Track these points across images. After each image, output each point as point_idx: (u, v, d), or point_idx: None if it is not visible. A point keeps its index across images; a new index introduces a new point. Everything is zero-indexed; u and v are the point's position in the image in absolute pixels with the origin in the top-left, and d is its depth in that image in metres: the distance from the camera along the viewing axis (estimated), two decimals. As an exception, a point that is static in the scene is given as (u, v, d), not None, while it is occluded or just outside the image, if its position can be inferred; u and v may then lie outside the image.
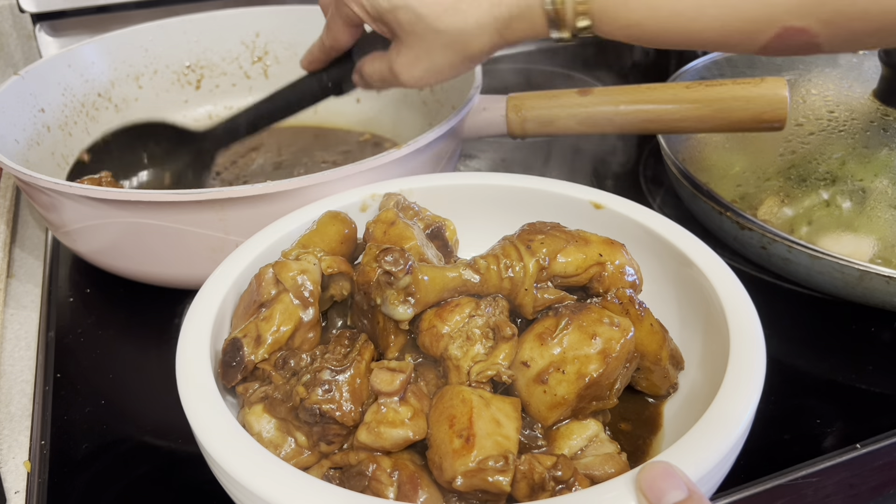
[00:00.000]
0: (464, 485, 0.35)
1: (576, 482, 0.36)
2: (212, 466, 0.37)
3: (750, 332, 0.40)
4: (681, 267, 0.47)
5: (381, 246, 0.42)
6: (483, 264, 0.42)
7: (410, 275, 0.40)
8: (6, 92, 0.65)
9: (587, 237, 0.44)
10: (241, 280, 0.46)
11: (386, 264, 0.40)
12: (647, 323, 0.42)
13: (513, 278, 0.42)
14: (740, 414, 0.36)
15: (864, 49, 0.44)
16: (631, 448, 0.42)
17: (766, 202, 0.62)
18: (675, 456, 0.33)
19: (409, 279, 0.40)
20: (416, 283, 0.40)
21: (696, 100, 0.59)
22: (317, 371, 0.39)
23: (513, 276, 0.42)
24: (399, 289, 0.40)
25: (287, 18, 0.82)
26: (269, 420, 0.40)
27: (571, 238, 0.44)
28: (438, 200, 0.54)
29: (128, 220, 0.53)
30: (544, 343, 0.40)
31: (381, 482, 0.36)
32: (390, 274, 0.40)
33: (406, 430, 0.38)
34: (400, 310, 0.40)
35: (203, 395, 0.38)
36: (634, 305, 0.42)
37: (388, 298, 0.41)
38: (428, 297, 0.41)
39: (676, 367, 0.45)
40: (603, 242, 0.45)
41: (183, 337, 0.41)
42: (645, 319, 0.42)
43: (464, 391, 0.38)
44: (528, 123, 0.63)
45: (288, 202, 0.52)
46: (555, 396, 0.39)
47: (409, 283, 0.40)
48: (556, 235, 0.44)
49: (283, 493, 0.33)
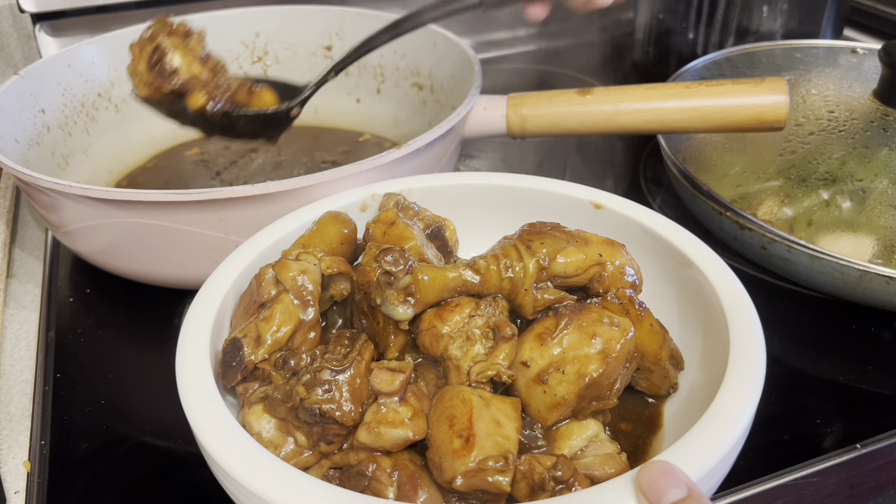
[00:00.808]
0: (464, 485, 0.35)
1: (576, 482, 0.36)
2: (212, 466, 0.37)
3: (750, 332, 0.40)
4: (681, 267, 0.47)
5: (381, 246, 0.42)
6: (483, 264, 0.42)
7: (410, 275, 0.40)
8: (6, 92, 0.65)
9: (587, 237, 0.44)
10: (241, 280, 0.46)
11: (386, 264, 0.40)
12: (647, 323, 0.42)
13: (513, 278, 0.42)
14: (740, 414, 0.36)
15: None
16: (631, 448, 0.42)
17: (766, 202, 0.62)
18: (675, 455, 0.33)
19: (409, 279, 0.40)
20: (416, 284, 0.40)
21: (696, 100, 0.59)
22: (317, 371, 0.39)
23: (513, 277, 0.42)
24: (399, 289, 0.40)
25: (287, 18, 0.82)
26: (269, 420, 0.40)
27: (571, 238, 0.44)
28: (438, 200, 0.54)
29: (127, 220, 0.53)
30: (544, 343, 0.40)
31: (381, 482, 0.36)
32: (390, 274, 0.40)
33: (406, 431, 0.38)
34: (399, 310, 0.40)
35: (203, 395, 0.38)
36: (634, 305, 0.42)
37: (388, 298, 0.41)
38: (428, 297, 0.41)
39: (676, 368, 0.45)
40: (603, 242, 0.45)
41: (183, 337, 0.41)
42: (645, 319, 0.42)
43: (464, 391, 0.38)
44: (529, 123, 0.63)
45: (288, 202, 0.52)
46: (555, 397, 0.39)
47: (409, 284, 0.40)
48: (556, 236, 0.44)
49: (282, 493, 0.33)
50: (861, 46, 0.78)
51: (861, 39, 1.03)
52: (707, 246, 0.47)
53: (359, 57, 0.62)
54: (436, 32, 0.75)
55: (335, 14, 0.81)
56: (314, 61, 0.83)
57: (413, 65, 0.79)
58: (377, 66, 0.82)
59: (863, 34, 1.04)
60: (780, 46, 0.80)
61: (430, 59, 0.77)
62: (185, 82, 0.55)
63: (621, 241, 0.46)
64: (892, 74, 0.66)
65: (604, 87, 0.63)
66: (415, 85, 0.79)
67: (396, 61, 0.80)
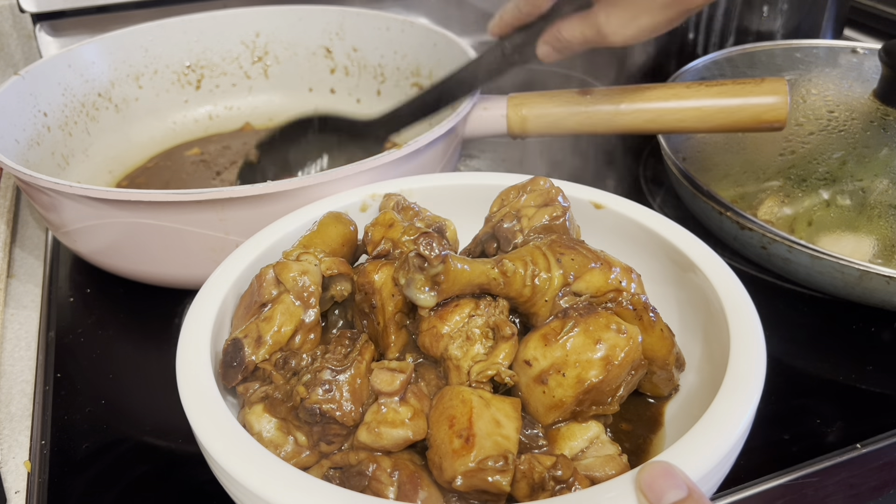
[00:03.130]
0: (464, 485, 0.35)
1: (576, 482, 0.35)
2: (212, 466, 0.37)
3: (750, 332, 0.40)
4: (681, 268, 0.47)
5: (422, 228, 0.42)
6: (511, 267, 0.42)
7: (444, 264, 0.40)
8: (6, 92, 0.65)
9: (610, 261, 0.44)
10: (242, 280, 0.46)
11: (423, 248, 0.40)
12: (658, 329, 0.42)
13: (536, 286, 0.42)
14: (740, 414, 0.36)
15: None
16: (632, 447, 0.42)
17: (766, 202, 0.62)
18: (675, 456, 0.33)
19: (442, 268, 0.40)
20: (446, 273, 0.40)
21: (696, 100, 0.59)
22: (317, 371, 0.39)
23: (538, 285, 0.42)
24: (429, 275, 0.40)
25: (287, 18, 0.82)
26: (269, 420, 0.40)
27: (597, 259, 0.43)
28: (438, 200, 0.54)
29: (127, 220, 0.53)
30: (548, 344, 0.40)
31: (382, 482, 0.36)
32: (424, 258, 0.40)
33: (406, 431, 0.38)
34: (423, 296, 0.40)
35: (203, 394, 0.38)
36: (648, 312, 0.42)
37: (415, 282, 0.40)
38: (453, 288, 0.40)
39: (679, 369, 0.45)
40: (625, 270, 0.44)
41: (183, 337, 0.41)
42: (656, 325, 0.42)
43: (464, 391, 0.38)
44: (529, 123, 0.63)
45: (288, 202, 0.52)
46: (553, 398, 0.39)
47: (440, 272, 0.40)
48: (584, 254, 0.43)
49: (282, 492, 0.33)
50: (861, 46, 0.78)
51: (861, 39, 1.03)
52: (708, 246, 0.47)
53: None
54: (436, 32, 0.75)
55: (335, 14, 0.81)
56: (314, 61, 0.84)
57: (413, 65, 0.79)
58: (377, 66, 0.82)
59: (863, 34, 1.04)
60: (780, 46, 0.80)
61: (430, 58, 0.77)
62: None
63: (621, 241, 0.46)
64: (892, 74, 0.66)
65: (604, 88, 0.63)
66: (415, 85, 0.79)
67: (397, 61, 0.80)
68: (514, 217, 0.46)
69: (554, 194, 0.47)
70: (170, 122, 0.81)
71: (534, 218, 0.46)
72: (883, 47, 0.67)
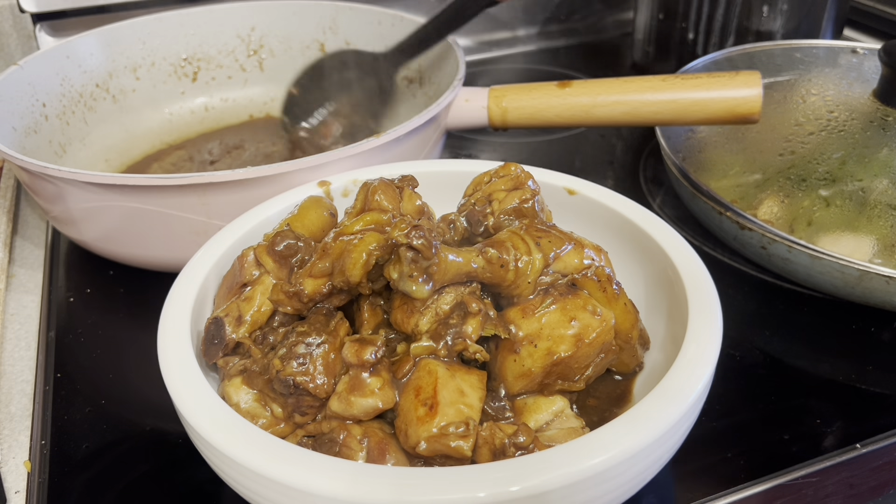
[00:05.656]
0: (427, 450, 0.37)
1: (536, 449, 0.37)
2: (192, 436, 0.37)
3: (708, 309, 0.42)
4: (648, 250, 0.49)
5: (412, 221, 0.42)
6: (495, 254, 0.43)
7: (436, 255, 0.40)
8: (5, 81, 0.66)
9: (581, 241, 0.46)
10: (223, 262, 0.47)
11: (416, 240, 0.40)
12: (622, 302, 0.44)
13: (519, 269, 0.43)
14: (693, 383, 0.37)
15: None
16: (598, 420, 0.44)
17: (766, 202, 0.62)
18: (628, 421, 0.35)
19: (435, 259, 0.40)
20: (439, 264, 0.41)
21: (671, 93, 0.60)
22: (293, 345, 0.40)
23: (520, 268, 0.43)
24: (421, 268, 0.40)
25: (282, 13, 0.83)
26: (247, 391, 0.41)
27: (570, 240, 0.45)
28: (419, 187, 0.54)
29: (116, 204, 0.55)
30: (526, 316, 0.42)
31: (351, 448, 0.38)
32: (417, 251, 0.40)
33: (375, 400, 0.39)
34: (416, 288, 0.41)
35: (183, 368, 0.39)
36: (612, 284, 0.44)
37: (408, 275, 0.41)
38: (444, 277, 0.41)
39: (643, 347, 0.47)
40: (595, 248, 0.46)
41: (164, 314, 0.43)
42: (619, 299, 0.44)
43: (430, 363, 0.40)
44: (509, 115, 0.64)
45: (269, 187, 0.53)
46: (522, 367, 0.41)
47: (432, 264, 0.40)
48: (559, 236, 0.45)
49: (258, 457, 0.34)
50: (861, 46, 0.79)
51: (861, 39, 1.03)
52: (676, 232, 0.48)
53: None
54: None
55: (329, 8, 0.82)
56: (308, 54, 0.84)
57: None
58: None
59: (863, 34, 1.04)
60: (780, 46, 0.80)
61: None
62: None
63: (593, 225, 0.49)
64: (892, 74, 0.66)
65: (582, 80, 0.63)
66: (405, 78, 0.80)
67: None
68: (486, 201, 0.48)
69: (524, 178, 0.49)
70: (166, 113, 0.82)
71: (504, 201, 0.48)
72: (883, 47, 0.67)
